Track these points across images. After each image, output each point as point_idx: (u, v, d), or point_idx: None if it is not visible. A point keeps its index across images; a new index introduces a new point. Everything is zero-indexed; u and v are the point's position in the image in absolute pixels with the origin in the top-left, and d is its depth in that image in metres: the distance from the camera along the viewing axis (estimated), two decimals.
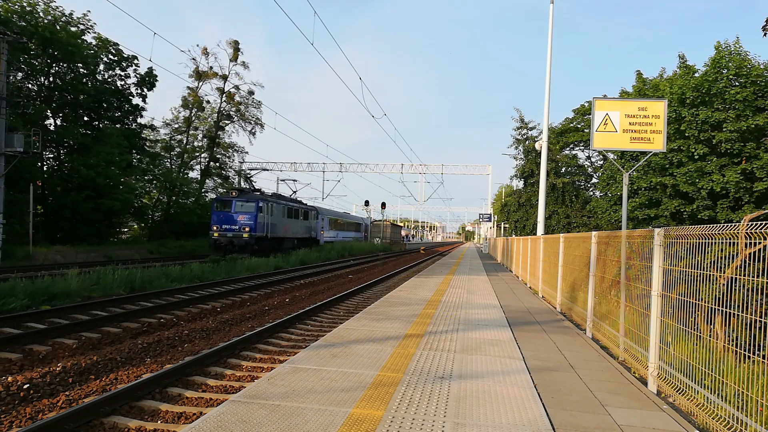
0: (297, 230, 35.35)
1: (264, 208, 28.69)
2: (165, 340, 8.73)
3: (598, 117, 14.09)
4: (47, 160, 31.55)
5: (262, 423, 3.92)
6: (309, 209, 39.30)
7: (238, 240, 27.20)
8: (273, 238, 30.39)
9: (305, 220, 37.58)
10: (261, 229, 28.36)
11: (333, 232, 49.35)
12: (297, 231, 35.38)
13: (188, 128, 42.93)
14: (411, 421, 4.06)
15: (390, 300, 11.38)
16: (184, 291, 14.82)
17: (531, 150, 40.27)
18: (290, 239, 34.11)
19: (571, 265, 9.90)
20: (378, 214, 72.81)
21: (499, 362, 6.10)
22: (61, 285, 12.47)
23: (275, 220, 30.52)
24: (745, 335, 3.89)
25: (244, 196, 28.40)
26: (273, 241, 30.49)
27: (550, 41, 18.15)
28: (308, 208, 39.04)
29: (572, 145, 41.44)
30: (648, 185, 26.05)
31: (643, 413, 4.60)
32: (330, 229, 48.12)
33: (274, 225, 30.49)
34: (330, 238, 47.19)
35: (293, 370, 5.41)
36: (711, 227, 4.29)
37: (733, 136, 22.73)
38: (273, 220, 30.14)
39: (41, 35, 28.03)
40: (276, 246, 31.07)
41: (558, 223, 37.80)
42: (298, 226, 35.56)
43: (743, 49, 23.68)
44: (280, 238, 31.97)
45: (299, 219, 35.89)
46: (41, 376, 6.39)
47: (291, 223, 33.75)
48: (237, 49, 42.45)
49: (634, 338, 6.06)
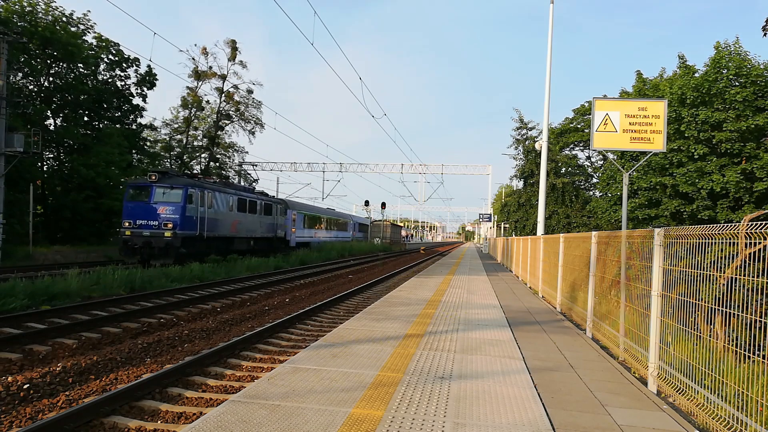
0: (254, 228, 28.22)
1: (196, 196, 21.60)
2: (165, 340, 8.73)
3: (598, 117, 14.09)
4: (47, 160, 31.55)
5: (262, 423, 3.92)
6: (273, 202, 31.69)
7: (158, 240, 20.14)
8: (213, 238, 23.33)
9: (266, 215, 30.08)
10: (191, 226, 21.26)
11: (309, 231, 40.56)
12: (254, 229, 28.26)
13: (188, 128, 42.95)
14: (411, 421, 4.06)
15: (390, 300, 11.38)
16: (184, 291, 14.83)
17: (531, 150, 40.30)
18: (243, 239, 27.01)
19: (571, 265, 9.90)
20: (378, 214, 72.45)
21: (499, 362, 6.10)
22: (61, 285, 12.47)
23: (217, 213, 23.55)
24: (745, 335, 3.89)
25: (168, 181, 21.25)
26: (213, 242, 23.43)
27: (550, 41, 18.16)
28: (272, 201, 31.54)
29: (572, 145, 41.47)
30: (648, 185, 26.05)
31: (643, 413, 4.60)
32: (305, 228, 39.41)
33: (215, 221, 23.44)
34: (305, 239, 39.04)
35: (293, 370, 5.41)
36: (711, 227, 4.29)
37: (733, 136, 22.74)
38: (213, 213, 23.13)
39: (41, 35, 28.03)
40: (219, 248, 24.19)
41: (558, 223, 37.83)
42: (255, 223, 28.37)
43: (743, 49, 23.73)
44: (226, 238, 24.94)
45: (257, 214, 28.65)
46: (41, 376, 6.39)
47: (244, 218, 26.69)
48: (235, 48, 42.45)
49: (634, 338, 6.06)
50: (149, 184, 21.13)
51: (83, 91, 31.13)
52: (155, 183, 21.01)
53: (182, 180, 21.78)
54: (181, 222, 20.64)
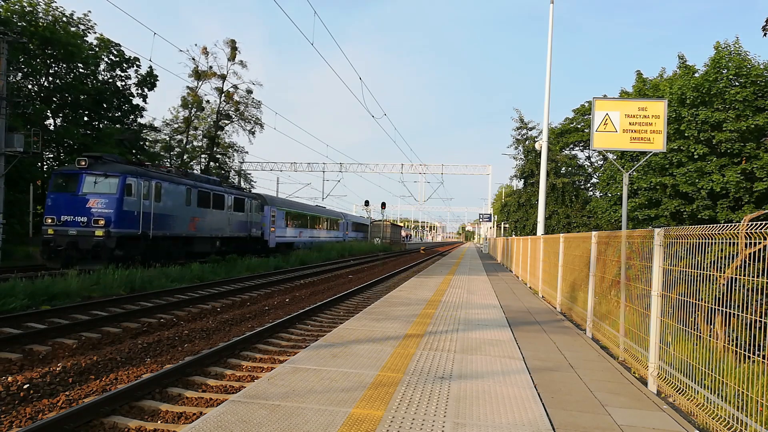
0: (220, 226, 24.31)
1: (138, 186, 17.80)
2: (165, 340, 8.73)
3: (598, 117, 14.10)
4: (47, 160, 31.55)
5: (262, 423, 3.92)
6: (247, 197, 27.93)
7: (86, 241, 16.55)
8: (162, 238, 19.46)
9: (237, 211, 26.26)
10: (130, 223, 17.53)
11: (293, 231, 36.31)
12: (221, 227, 24.35)
13: (188, 128, 42.96)
14: (411, 421, 4.06)
15: (390, 300, 11.38)
16: (184, 291, 14.83)
17: (531, 150, 40.30)
18: (205, 240, 22.96)
19: (571, 265, 9.91)
20: (378, 214, 72.30)
21: (499, 362, 6.10)
22: (61, 285, 12.47)
23: (168, 208, 19.75)
24: (745, 335, 3.89)
25: (101, 167, 17.51)
26: (162, 243, 19.49)
27: (550, 41, 18.16)
28: (245, 195, 27.79)
29: (572, 145, 41.48)
30: (648, 185, 26.06)
31: (643, 413, 4.60)
32: (288, 227, 35.18)
33: (166, 217, 19.63)
34: (288, 239, 35.02)
35: (293, 370, 5.41)
36: (711, 227, 4.29)
37: (733, 136, 22.75)
38: (162, 208, 19.34)
39: (41, 35, 28.04)
40: (171, 250, 20.20)
41: (558, 223, 37.83)
42: (222, 221, 24.44)
43: (743, 49, 23.75)
44: (182, 238, 21.00)
45: (225, 210, 24.75)
46: (41, 376, 6.39)
47: (207, 214, 22.74)
48: (234, 48, 42.47)
49: (634, 338, 6.06)
50: (78, 171, 17.28)
51: (83, 91, 31.13)
52: (85, 170, 17.19)
53: (119, 167, 17.85)
54: (116, 218, 16.90)
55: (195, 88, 42.57)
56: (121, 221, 17.14)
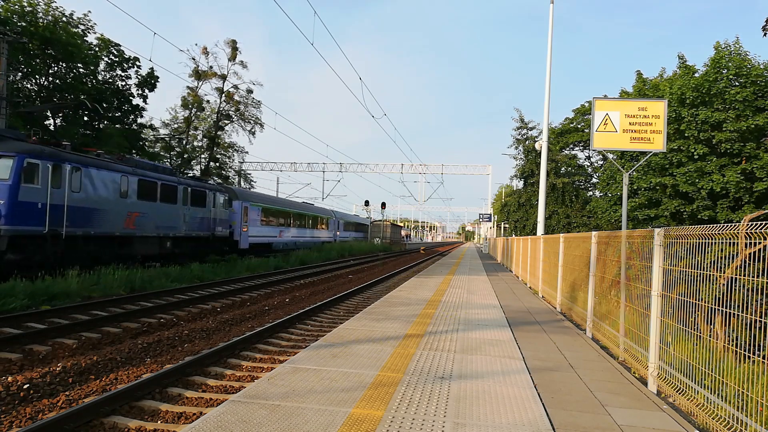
0: (172, 223, 20.20)
1: (43, 171, 13.77)
2: (165, 340, 8.73)
3: (598, 117, 14.10)
4: None
5: (262, 423, 3.92)
6: (210, 189, 23.57)
7: None
8: (82, 238, 15.36)
9: (196, 206, 21.92)
10: (31, 218, 13.46)
11: (271, 230, 31.43)
12: (173, 225, 20.24)
13: (188, 128, 42.94)
14: (411, 421, 4.06)
15: (390, 300, 11.38)
16: (184, 291, 14.84)
17: (531, 150, 40.31)
18: (150, 240, 18.90)
19: (571, 265, 9.91)
20: (378, 214, 72.26)
21: (499, 362, 6.10)
22: (61, 285, 12.47)
23: (91, 199, 15.65)
24: (745, 335, 3.89)
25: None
26: (82, 244, 15.39)
27: (550, 41, 18.16)
28: (206, 187, 23.29)
29: (572, 145, 41.49)
30: (648, 185, 26.06)
31: (643, 413, 4.60)
32: (264, 225, 30.39)
33: (88, 211, 15.54)
34: (265, 239, 30.38)
35: (293, 370, 5.41)
36: (711, 227, 4.29)
37: (733, 136, 22.75)
38: (82, 199, 15.24)
39: (41, 35, 28.04)
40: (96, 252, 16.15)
41: (558, 223, 37.84)
42: (173, 217, 20.27)
43: (743, 49, 23.74)
44: (113, 238, 16.90)
45: (179, 204, 20.58)
46: (41, 376, 6.39)
47: (151, 209, 18.72)
48: (235, 48, 42.43)
49: (634, 338, 6.06)
50: None
51: (83, 91, 31.13)
52: None
53: (16, 144, 13.62)
54: (8, 211, 12.89)
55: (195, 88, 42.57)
56: (14, 216, 13.03)
